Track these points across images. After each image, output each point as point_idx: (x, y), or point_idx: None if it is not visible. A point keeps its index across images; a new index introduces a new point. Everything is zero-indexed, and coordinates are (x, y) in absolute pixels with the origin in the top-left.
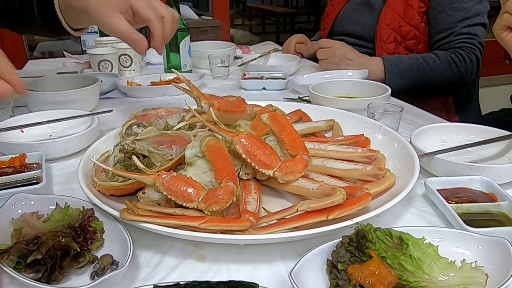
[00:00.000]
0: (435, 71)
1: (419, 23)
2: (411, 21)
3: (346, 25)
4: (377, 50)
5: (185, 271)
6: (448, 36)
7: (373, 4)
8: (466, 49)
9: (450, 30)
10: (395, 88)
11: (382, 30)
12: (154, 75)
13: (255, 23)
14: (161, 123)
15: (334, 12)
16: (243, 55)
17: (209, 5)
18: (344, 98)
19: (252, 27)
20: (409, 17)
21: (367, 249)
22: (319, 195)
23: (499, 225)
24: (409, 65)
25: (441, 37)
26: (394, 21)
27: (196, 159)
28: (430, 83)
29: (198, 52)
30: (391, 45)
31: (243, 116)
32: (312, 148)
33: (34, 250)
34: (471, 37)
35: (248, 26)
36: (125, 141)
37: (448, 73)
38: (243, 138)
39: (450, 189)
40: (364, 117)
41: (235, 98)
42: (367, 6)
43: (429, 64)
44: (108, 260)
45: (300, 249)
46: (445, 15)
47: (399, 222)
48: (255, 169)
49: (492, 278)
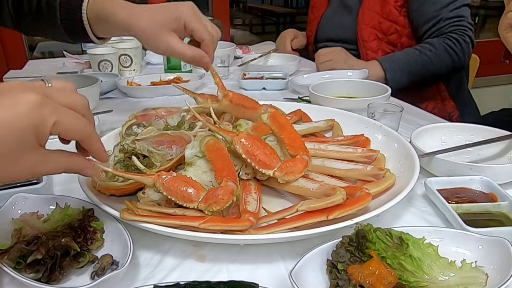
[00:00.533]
0: (433, 60)
1: (398, 17)
2: (389, 16)
3: (328, 30)
4: (361, 50)
5: (185, 271)
6: (437, 24)
7: (350, 6)
8: (458, 32)
9: (437, 18)
10: (399, 85)
11: (362, 30)
12: (154, 75)
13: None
14: (161, 123)
15: (315, 19)
16: (243, 55)
17: (209, 5)
18: (344, 98)
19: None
20: (387, 13)
21: (367, 249)
22: (319, 195)
23: (499, 225)
24: (406, 59)
25: (429, 26)
26: (372, 19)
27: (196, 159)
28: (431, 72)
29: None
30: (373, 43)
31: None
32: (312, 148)
33: (34, 250)
34: (459, 19)
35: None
36: (125, 141)
37: (447, 59)
38: (243, 138)
39: (450, 189)
40: (364, 117)
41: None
42: (345, 9)
43: (426, 55)
44: (108, 260)
45: (300, 249)
46: (428, 4)
47: (399, 222)
48: (255, 169)
49: (492, 278)
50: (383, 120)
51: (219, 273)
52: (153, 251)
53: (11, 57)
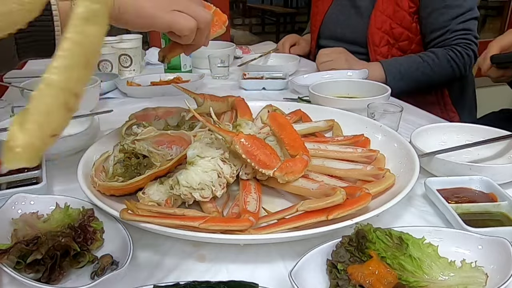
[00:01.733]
0: (435, 69)
1: (411, 24)
2: (402, 22)
3: (334, 29)
4: (371, 54)
5: (185, 271)
6: (444, 34)
7: (360, 7)
8: (462, 45)
9: (445, 29)
10: (398, 90)
11: (374, 35)
12: (154, 75)
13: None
14: (161, 123)
15: (320, 14)
16: (243, 55)
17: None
18: (344, 98)
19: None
20: (400, 19)
21: (367, 249)
22: (319, 195)
23: (498, 225)
24: (409, 66)
25: (436, 35)
26: (384, 23)
27: (197, 159)
28: (430, 82)
29: (198, 52)
30: (384, 48)
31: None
32: (312, 148)
33: (34, 250)
34: (466, 32)
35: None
36: (125, 141)
37: (448, 70)
38: (242, 138)
39: (450, 189)
40: (364, 117)
41: (234, 98)
42: (354, 8)
43: (429, 63)
44: (108, 260)
45: (300, 249)
46: (438, 14)
47: (399, 222)
48: (255, 169)
49: (492, 278)
50: (383, 120)
51: (219, 273)
52: (153, 251)
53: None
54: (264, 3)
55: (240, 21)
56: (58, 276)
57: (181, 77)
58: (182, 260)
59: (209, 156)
